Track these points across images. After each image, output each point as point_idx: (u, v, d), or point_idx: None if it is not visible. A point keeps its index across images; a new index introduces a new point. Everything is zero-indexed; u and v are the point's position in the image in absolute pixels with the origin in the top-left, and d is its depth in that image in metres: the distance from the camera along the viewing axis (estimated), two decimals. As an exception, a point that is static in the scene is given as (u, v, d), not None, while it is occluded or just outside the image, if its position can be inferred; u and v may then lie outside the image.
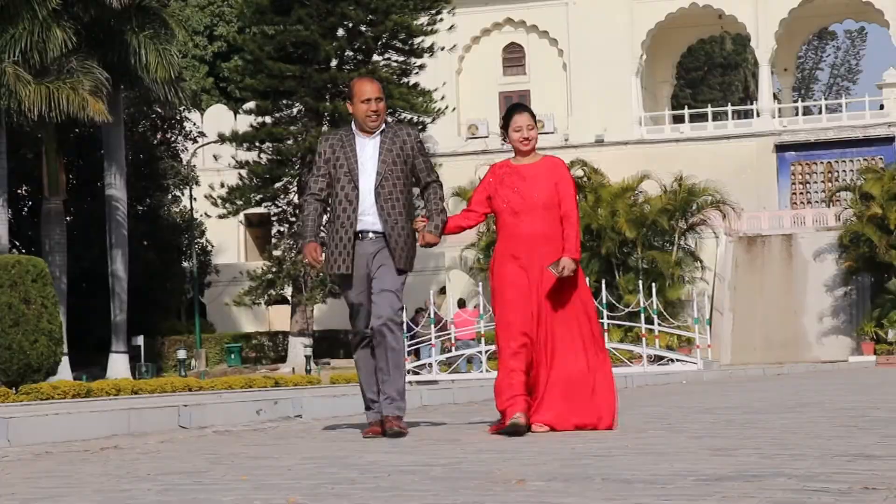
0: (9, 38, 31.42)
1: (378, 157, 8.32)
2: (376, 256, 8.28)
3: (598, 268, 45.29)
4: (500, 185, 8.32)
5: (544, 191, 8.23)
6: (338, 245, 8.29)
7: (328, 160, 8.40)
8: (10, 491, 5.33)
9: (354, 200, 8.28)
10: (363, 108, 8.36)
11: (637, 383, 22.41)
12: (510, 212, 8.24)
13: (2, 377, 23.09)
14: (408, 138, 8.44)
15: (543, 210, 8.22)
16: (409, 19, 43.96)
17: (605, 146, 57.19)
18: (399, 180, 8.32)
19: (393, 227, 8.25)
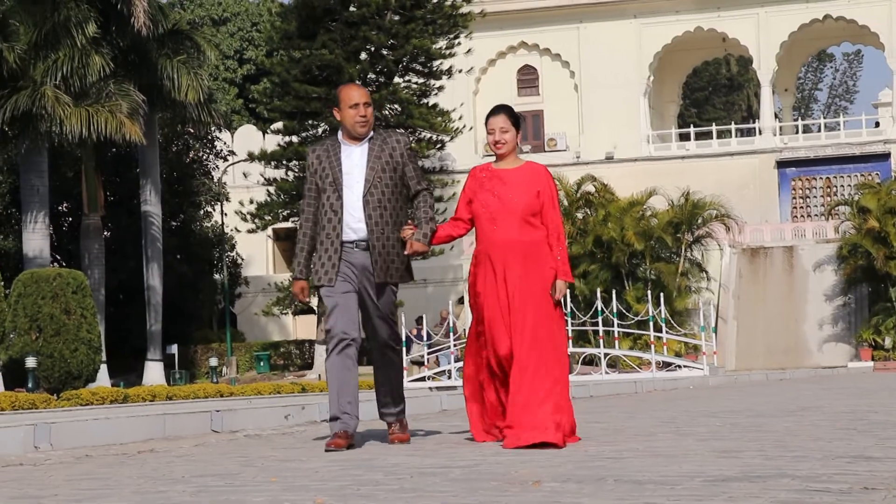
0: (51, 63, 31.54)
1: (366, 164, 7.71)
2: (367, 270, 7.68)
3: (607, 278, 45.24)
4: (479, 188, 7.70)
5: (524, 197, 7.58)
6: (321, 256, 7.70)
7: (315, 171, 7.79)
8: (52, 492, 5.34)
9: (340, 210, 7.67)
10: (351, 113, 7.77)
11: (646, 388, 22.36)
12: (488, 217, 7.62)
13: (44, 384, 23.16)
14: (397, 145, 7.81)
15: (522, 217, 7.58)
16: (429, 43, 44.01)
17: (615, 163, 57.15)
18: (388, 188, 7.71)
19: (379, 237, 7.64)
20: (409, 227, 7.67)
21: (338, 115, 7.80)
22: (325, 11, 43.67)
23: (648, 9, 58.17)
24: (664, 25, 58.20)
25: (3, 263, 36.42)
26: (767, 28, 57.58)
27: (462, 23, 44.91)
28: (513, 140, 7.71)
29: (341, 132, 7.84)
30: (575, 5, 58.35)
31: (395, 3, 43.52)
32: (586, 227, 47.55)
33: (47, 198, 34.14)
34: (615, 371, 33.17)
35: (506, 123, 7.69)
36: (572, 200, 48.74)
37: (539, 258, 7.57)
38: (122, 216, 44.72)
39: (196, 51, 37.22)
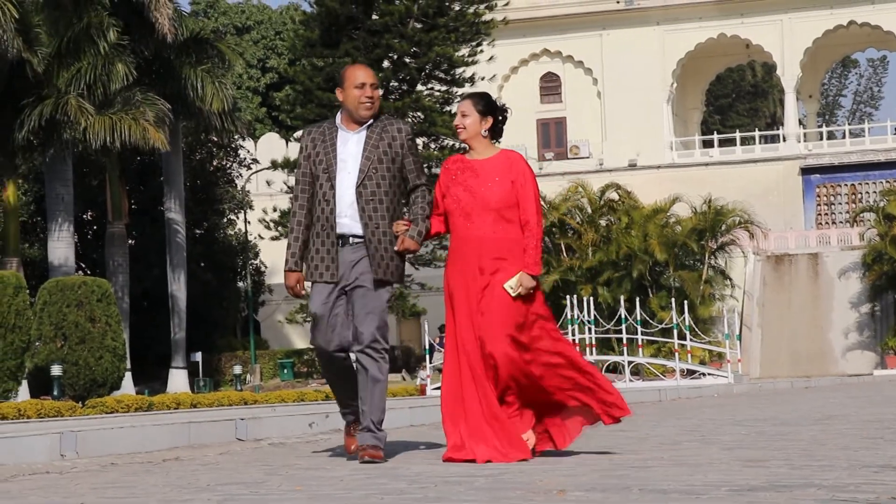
0: (74, 72, 31.66)
1: (362, 153, 7.11)
2: (356, 266, 7.08)
3: (630, 286, 45.23)
4: (451, 182, 7.14)
5: (499, 189, 7.02)
6: (319, 250, 7.11)
7: (308, 156, 7.21)
8: (78, 501, 5.36)
9: (332, 200, 7.09)
10: (356, 94, 7.13)
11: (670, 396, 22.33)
12: (461, 213, 7.05)
13: (69, 391, 23.21)
14: (398, 134, 7.19)
15: (497, 211, 7.01)
16: (452, 51, 44.04)
17: (638, 170, 57.07)
18: (385, 180, 7.10)
19: (374, 231, 7.04)
20: (404, 223, 7.13)
21: (340, 96, 7.20)
22: (347, 19, 43.77)
23: (671, 15, 58.12)
24: (687, 32, 58.12)
25: (29, 272, 36.56)
26: (791, 34, 57.44)
27: (485, 30, 44.94)
28: (475, 125, 7.15)
29: (341, 115, 7.28)
30: (598, 12, 58.33)
31: (417, 11, 43.60)
32: (609, 234, 47.50)
33: (72, 206, 34.26)
34: (639, 379, 33.12)
35: (467, 108, 7.17)
36: (595, 208, 48.69)
37: (517, 257, 7.01)
38: (147, 224, 44.86)
39: (219, 59, 37.32)
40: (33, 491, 5.95)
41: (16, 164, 33.36)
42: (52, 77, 31.46)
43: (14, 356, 22.43)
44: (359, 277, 7.05)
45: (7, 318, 22.39)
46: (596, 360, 34.25)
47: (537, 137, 59.89)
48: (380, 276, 7.06)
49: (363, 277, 7.04)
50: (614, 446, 7.94)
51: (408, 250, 7.11)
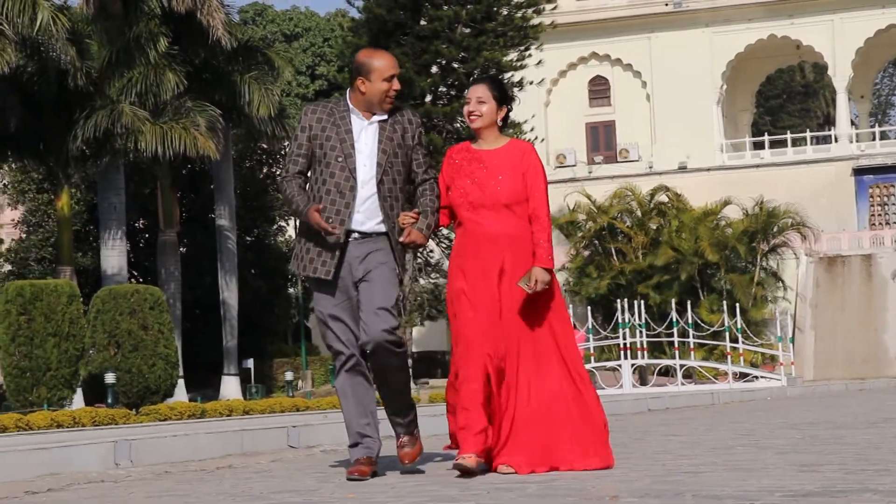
0: (126, 81, 31.90)
1: (377, 145, 6.62)
2: (364, 262, 6.57)
3: (680, 289, 45.07)
4: (457, 173, 6.67)
5: (509, 182, 6.58)
6: (320, 242, 6.56)
7: (314, 136, 6.65)
8: (133, 509, 5.40)
9: (347, 193, 6.55)
10: (383, 87, 6.63)
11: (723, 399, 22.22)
12: (468, 206, 6.59)
13: (123, 399, 23.40)
14: (409, 126, 6.74)
15: (507, 205, 6.56)
16: (500, 55, 44.01)
17: (688, 173, 56.80)
18: (400, 175, 6.67)
19: (393, 228, 6.59)
20: (412, 215, 6.60)
21: (363, 87, 6.63)
22: (396, 26, 43.85)
23: (720, 17, 57.83)
24: (736, 33, 57.82)
25: (82, 280, 36.85)
26: (843, 34, 57.00)
27: (533, 35, 44.89)
28: (491, 114, 6.69)
29: (351, 99, 6.70)
30: (646, 15, 58.15)
31: (465, 17, 43.61)
32: (659, 237, 47.34)
33: (124, 215, 34.50)
34: (691, 382, 32.97)
35: (484, 93, 6.70)
36: (645, 211, 48.54)
37: (528, 252, 6.56)
38: (198, 232, 45.10)
39: (269, 67, 37.48)
40: (88, 500, 6.00)
41: (69, 173, 33.66)
42: (103, 87, 31.72)
43: (68, 364, 22.65)
44: (369, 271, 6.55)
45: (61, 326, 22.60)
46: (648, 363, 34.14)
47: (586, 141, 59.75)
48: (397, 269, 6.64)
49: (374, 271, 6.55)
50: (667, 451, 7.90)
51: (414, 243, 6.59)
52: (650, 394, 25.17)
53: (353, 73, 6.71)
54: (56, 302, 22.68)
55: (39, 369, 22.25)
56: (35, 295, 22.53)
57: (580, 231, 49.14)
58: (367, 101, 6.65)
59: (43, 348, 22.27)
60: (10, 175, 47.21)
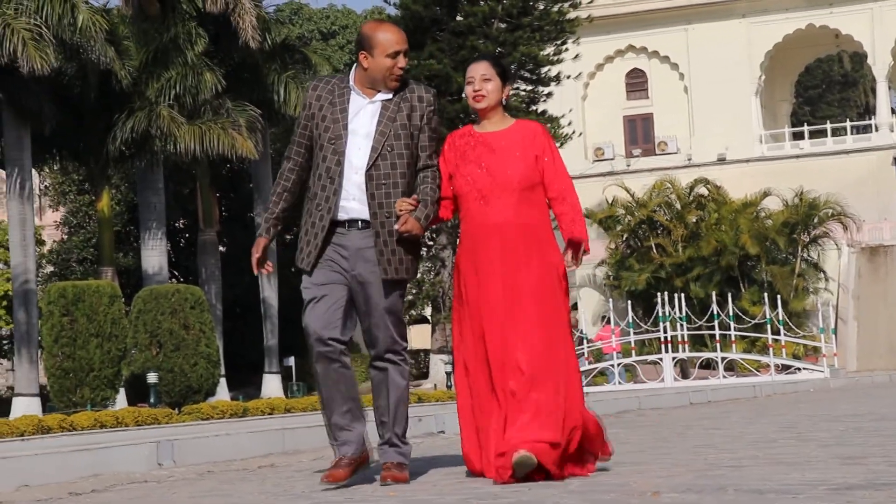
0: (164, 82, 32.06)
1: (376, 125, 6.03)
2: (365, 259, 6.03)
3: (720, 281, 44.95)
4: (461, 159, 6.14)
5: (519, 166, 6.06)
6: (308, 232, 6.10)
7: (313, 116, 6.12)
8: (176, 509, 5.43)
9: (336, 178, 6.02)
10: (388, 63, 6.05)
11: (765, 392, 22.11)
12: (476, 195, 6.06)
13: (166, 398, 23.54)
14: (418, 104, 6.10)
15: (520, 192, 6.04)
16: (537, 50, 43.94)
17: (727, 164, 56.56)
18: (402, 159, 6.04)
19: (384, 223, 6.00)
20: (410, 201, 6.02)
21: (365, 62, 6.07)
22: (432, 21, 43.87)
23: (758, 7, 57.54)
24: (775, 24, 57.51)
25: (124, 281, 37.09)
26: (882, 23, 56.58)
27: (569, 29, 44.79)
28: (497, 93, 6.22)
29: (355, 75, 6.14)
30: (682, 6, 57.92)
31: (501, 12, 43.57)
32: (699, 230, 47.19)
33: (164, 215, 34.68)
34: (733, 375, 32.84)
35: (487, 70, 6.22)
36: (684, 203, 48.38)
37: (543, 244, 6.08)
38: (238, 231, 45.29)
39: (305, 65, 37.57)
40: (132, 500, 6.04)
41: (108, 174, 33.87)
42: (142, 88, 31.89)
43: (111, 364, 22.81)
44: (371, 273, 6.04)
45: (103, 327, 22.76)
46: (689, 356, 34.02)
47: (624, 134, 59.60)
48: (391, 275, 6.03)
49: (375, 274, 6.04)
50: (709, 445, 7.88)
51: (409, 233, 5.98)
52: (692, 387, 25.09)
53: (357, 46, 6.17)
54: (98, 303, 22.84)
55: (82, 370, 22.42)
56: (77, 296, 22.69)
57: (619, 225, 49.04)
58: (371, 77, 6.08)
59: (86, 349, 22.43)
60: (51, 177, 47.56)
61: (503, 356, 5.95)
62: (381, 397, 6.20)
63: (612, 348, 33.79)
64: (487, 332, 6.01)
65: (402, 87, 6.13)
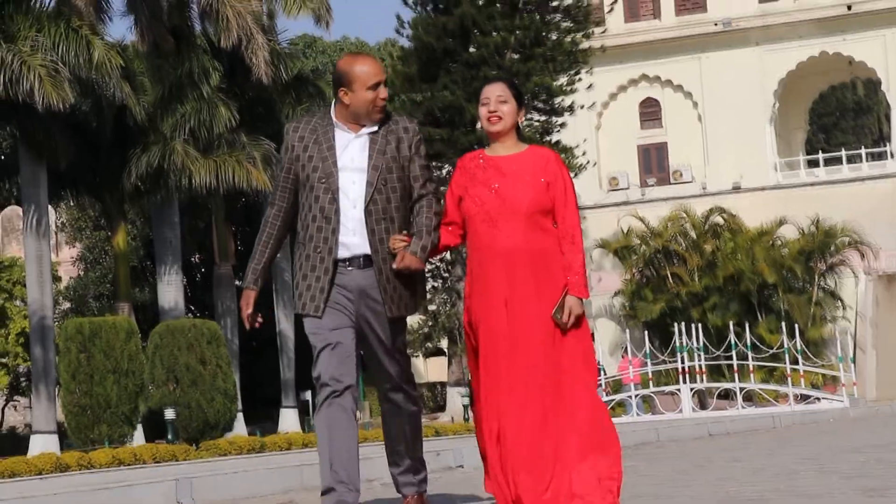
0: (178, 117, 32.21)
1: (368, 160, 5.95)
2: (368, 297, 5.95)
3: (738, 310, 44.85)
4: (471, 182, 6.02)
5: (529, 191, 5.92)
6: (307, 276, 5.99)
7: (296, 158, 6.01)
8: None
9: (333, 216, 5.93)
10: (369, 96, 5.97)
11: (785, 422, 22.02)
12: (484, 218, 5.93)
13: (183, 434, 23.53)
14: (405, 135, 6.05)
15: (529, 217, 5.90)
16: (550, 80, 44.03)
17: (742, 192, 56.45)
18: (395, 193, 5.99)
19: (385, 259, 5.93)
20: (402, 237, 5.97)
21: (345, 98, 6.02)
22: (445, 53, 44.03)
23: (771, 35, 57.57)
24: (788, 51, 57.52)
25: (140, 316, 37.14)
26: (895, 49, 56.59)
27: (582, 59, 44.93)
28: (512, 116, 6.12)
29: (335, 112, 6.08)
30: (695, 35, 57.98)
31: (514, 42, 43.70)
32: (715, 259, 47.14)
33: (180, 249, 34.76)
34: (751, 405, 32.70)
35: (504, 92, 6.15)
36: (700, 233, 48.34)
37: (553, 271, 5.92)
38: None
39: (320, 98, 37.70)
40: (152, 539, 6.03)
41: (124, 209, 33.98)
42: (157, 123, 32.04)
43: (128, 400, 22.84)
44: (375, 310, 5.97)
45: (120, 362, 22.81)
46: (707, 386, 33.90)
47: (638, 163, 59.57)
48: (395, 312, 5.97)
49: (379, 311, 5.97)
50: (730, 478, 7.84)
51: (408, 268, 5.92)
52: (710, 418, 24.99)
53: (335, 83, 6.12)
54: (115, 339, 22.89)
55: (100, 406, 22.44)
56: (94, 332, 22.74)
57: (634, 255, 49.00)
58: (353, 112, 6.01)
59: (103, 385, 22.47)
60: (67, 213, 47.72)
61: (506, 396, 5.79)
62: (394, 426, 6.15)
63: (632, 379, 33.73)
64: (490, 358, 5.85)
65: (386, 120, 6.07)
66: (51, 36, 27.43)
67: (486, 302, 5.92)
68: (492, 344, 5.87)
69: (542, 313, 5.86)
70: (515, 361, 5.81)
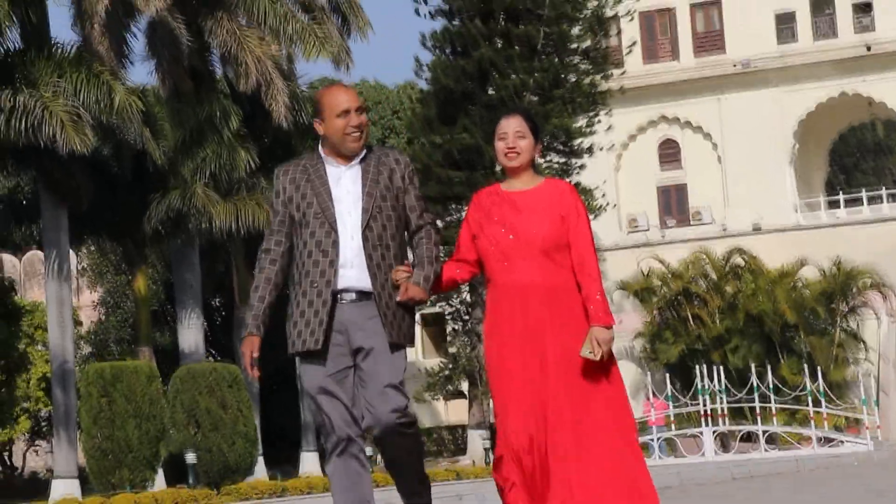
0: (199, 161, 32.36)
1: (362, 189, 5.91)
2: (362, 328, 5.84)
3: (760, 352, 44.72)
4: (486, 219, 5.94)
5: (545, 226, 5.84)
6: (305, 313, 5.92)
7: (290, 199, 6.00)
8: None
9: (331, 249, 5.86)
10: (340, 124, 5.92)
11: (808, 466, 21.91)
12: (500, 255, 5.84)
13: (204, 478, 23.53)
14: (396, 166, 6.03)
15: (545, 252, 5.80)
16: (569, 122, 44.11)
17: (763, 233, 56.37)
18: (391, 221, 5.93)
19: (384, 285, 5.84)
20: (404, 269, 5.90)
21: (320, 129, 6.02)
22: (463, 96, 44.17)
23: (790, 76, 57.65)
24: (807, 92, 57.57)
25: (161, 359, 37.17)
26: (915, 90, 56.59)
27: (601, 100, 45.03)
28: (530, 151, 6.04)
29: (322, 148, 6.06)
30: (714, 76, 58.09)
31: (533, 84, 43.83)
32: (735, 301, 47.04)
33: (200, 293, 34.83)
34: (774, 448, 32.55)
35: (521, 127, 6.02)
36: (721, 274, 48.27)
37: (572, 307, 5.79)
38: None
39: (339, 141, 37.84)
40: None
41: (145, 253, 34.10)
42: (177, 166, 32.20)
43: (149, 445, 22.85)
44: (370, 340, 5.85)
45: (141, 406, 22.85)
46: (729, 429, 33.76)
47: (658, 204, 59.59)
48: (395, 339, 5.85)
49: (376, 340, 5.84)
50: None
51: (412, 300, 5.87)
52: (733, 461, 24.89)
53: (312, 116, 6.19)
54: (136, 382, 22.94)
55: (121, 450, 22.47)
56: (115, 376, 22.81)
57: (655, 296, 48.92)
58: (332, 144, 5.99)
59: (124, 429, 22.51)
60: (88, 258, 47.91)
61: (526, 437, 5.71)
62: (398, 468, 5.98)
63: (657, 421, 33.64)
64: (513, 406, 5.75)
65: (374, 151, 6.06)
66: (72, 81, 27.62)
67: (502, 340, 5.84)
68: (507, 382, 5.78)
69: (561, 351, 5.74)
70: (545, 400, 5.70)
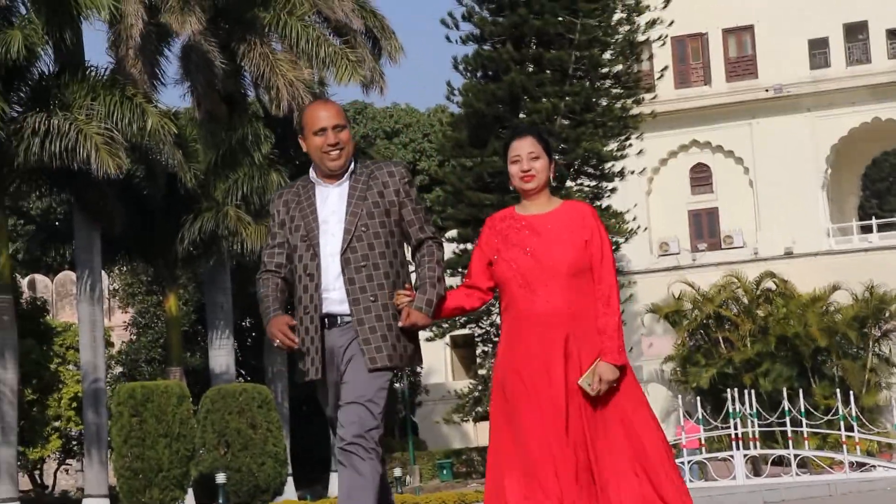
0: (231, 183, 32.52)
1: (346, 208, 5.70)
2: (346, 350, 5.71)
3: (791, 376, 44.53)
4: (503, 244, 5.68)
5: (568, 250, 5.58)
6: (304, 340, 5.77)
7: (283, 223, 5.82)
8: None
9: (315, 273, 5.69)
10: (317, 142, 5.72)
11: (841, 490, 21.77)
12: (521, 282, 5.57)
13: (233, 498, 23.58)
14: (390, 179, 5.76)
15: (567, 278, 5.54)
16: (600, 146, 44.11)
17: (795, 258, 56.15)
18: (379, 239, 5.67)
19: (368, 308, 5.63)
20: (406, 292, 5.71)
21: (303, 146, 5.86)
22: (495, 119, 44.24)
23: (823, 101, 57.47)
24: (840, 117, 57.37)
25: (191, 380, 37.31)
26: (948, 115, 56.35)
27: (633, 124, 45.02)
28: (545, 172, 5.78)
29: (313, 168, 5.88)
30: (747, 101, 57.96)
31: (564, 108, 43.86)
32: (767, 325, 46.85)
33: (231, 314, 34.96)
34: (806, 472, 32.35)
35: (535, 148, 5.78)
36: (752, 298, 48.09)
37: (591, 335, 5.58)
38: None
39: (371, 163, 37.96)
40: None
41: (176, 274, 34.25)
42: (208, 189, 32.35)
43: (179, 465, 22.91)
44: (348, 363, 5.72)
45: (172, 427, 22.91)
46: (760, 453, 33.58)
47: (689, 229, 59.43)
48: (376, 364, 5.66)
49: (351, 363, 5.70)
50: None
51: (415, 325, 5.68)
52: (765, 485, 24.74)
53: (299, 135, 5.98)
54: (167, 403, 23.02)
55: (151, 470, 22.53)
56: (146, 396, 22.89)
57: (686, 320, 48.79)
58: (315, 163, 5.84)
59: (154, 449, 22.57)
60: (119, 279, 48.14)
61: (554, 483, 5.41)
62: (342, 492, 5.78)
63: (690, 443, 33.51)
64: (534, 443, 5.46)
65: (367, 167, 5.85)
66: (106, 104, 27.80)
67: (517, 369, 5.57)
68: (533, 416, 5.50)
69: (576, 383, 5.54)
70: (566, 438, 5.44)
